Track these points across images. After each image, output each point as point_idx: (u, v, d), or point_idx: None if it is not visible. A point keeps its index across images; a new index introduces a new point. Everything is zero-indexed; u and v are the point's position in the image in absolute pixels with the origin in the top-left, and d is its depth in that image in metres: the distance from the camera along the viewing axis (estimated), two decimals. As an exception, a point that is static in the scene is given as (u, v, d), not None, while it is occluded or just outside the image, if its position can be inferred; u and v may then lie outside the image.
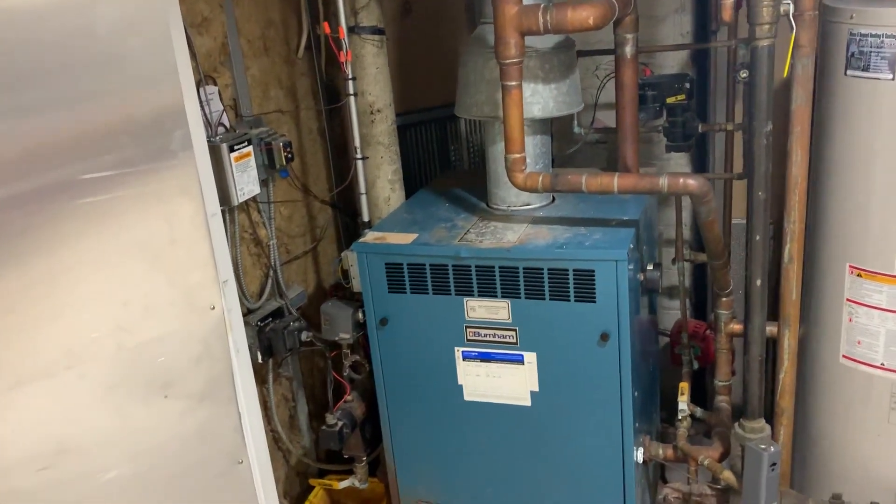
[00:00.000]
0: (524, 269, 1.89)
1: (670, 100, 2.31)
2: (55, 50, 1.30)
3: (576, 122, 2.58)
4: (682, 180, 1.75)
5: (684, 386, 2.35)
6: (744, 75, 2.17)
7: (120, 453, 1.53)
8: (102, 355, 1.47)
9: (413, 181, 2.76)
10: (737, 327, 2.24)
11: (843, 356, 1.99)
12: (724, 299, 2.24)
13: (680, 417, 2.25)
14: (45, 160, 1.31)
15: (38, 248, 1.33)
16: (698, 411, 2.37)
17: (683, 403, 2.27)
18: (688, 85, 2.32)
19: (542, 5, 1.75)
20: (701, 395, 2.91)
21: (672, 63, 2.76)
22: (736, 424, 2.06)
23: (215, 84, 2.06)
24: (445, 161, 3.17)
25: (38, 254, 1.33)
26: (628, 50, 2.13)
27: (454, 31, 3.03)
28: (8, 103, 1.23)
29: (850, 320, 1.94)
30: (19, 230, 1.29)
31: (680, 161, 2.84)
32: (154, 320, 1.54)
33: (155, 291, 1.53)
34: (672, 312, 2.99)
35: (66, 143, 1.34)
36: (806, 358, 2.15)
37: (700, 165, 2.82)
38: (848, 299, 1.93)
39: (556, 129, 2.75)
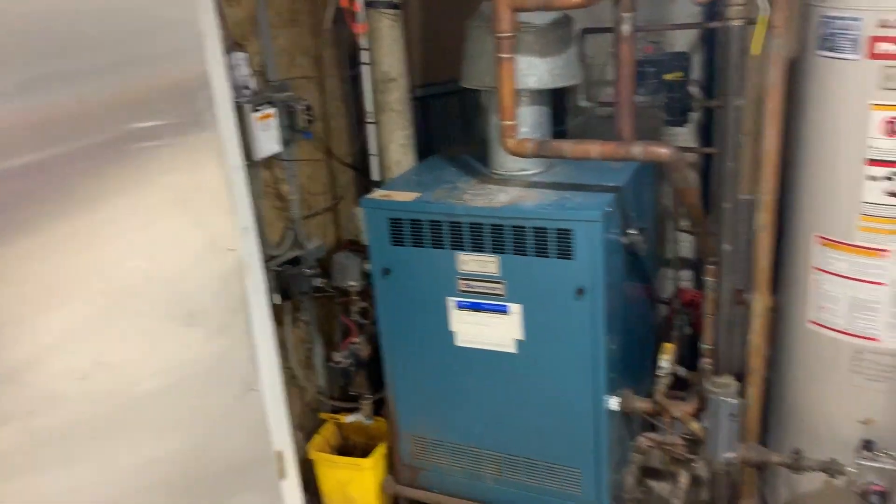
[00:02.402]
0: (511, 227, 2.08)
1: (668, 77, 2.45)
2: (90, 20, 1.51)
3: (583, 95, 2.74)
4: (653, 149, 1.90)
5: (668, 346, 2.50)
6: (735, 54, 2.28)
7: (150, 370, 1.75)
8: (133, 283, 1.69)
9: (436, 150, 2.95)
10: (722, 294, 2.37)
11: (809, 321, 2.12)
12: (709, 267, 2.37)
13: (660, 374, 2.41)
14: (90, 121, 1.54)
15: (82, 190, 1.56)
16: (681, 370, 2.52)
17: (664, 361, 2.42)
18: (685, 63, 2.45)
19: (533, -15, 1.91)
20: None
21: (682, 42, 2.86)
22: (706, 381, 2.21)
23: (244, 51, 2.29)
24: (467, 131, 3.34)
25: (80, 194, 1.57)
26: (625, 28, 2.27)
27: (476, 7, 3.18)
28: (54, 70, 1.45)
29: (816, 287, 2.07)
30: (66, 178, 1.52)
31: (686, 136, 2.95)
32: (179, 257, 1.77)
33: (181, 231, 1.75)
34: (685, 284, 3.11)
35: (108, 106, 1.56)
36: (781, 323, 2.28)
37: (705, 141, 2.93)
38: (814, 267, 2.06)
39: (571, 104, 2.91)
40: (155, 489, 1.78)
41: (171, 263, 1.76)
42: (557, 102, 2.90)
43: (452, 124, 3.31)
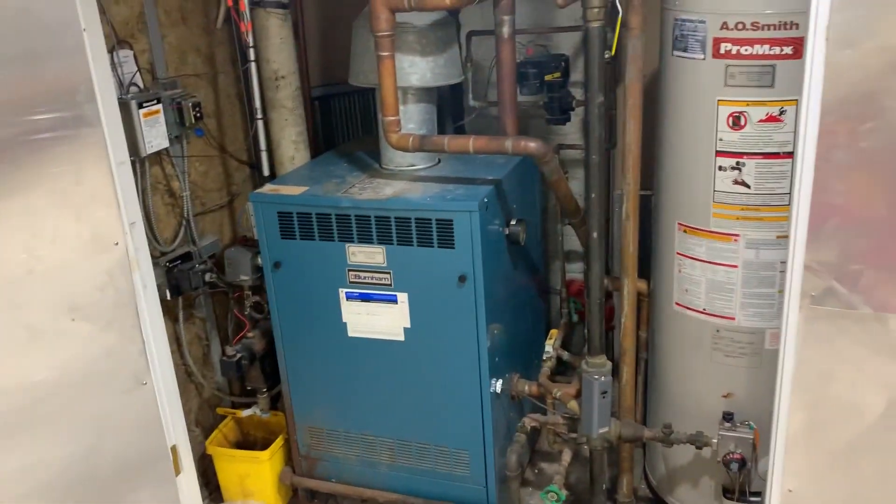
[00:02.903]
0: (395, 218, 2.16)
1: (548, 77, 2.57)
2: None
3: (470, 95, 2.85)
4: (523, 143, 2.02)
5: (553, 332, 2.64)
6: (607, 55, 2.43)
7: (34, 364, 1.74)
8: (14, 277, 1.69)
9: (336, 146, 3.01)
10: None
11: (676, 303, 2.27)
12: (589, 256, 2.51)
13: (544, 358, 2.54)
14: None
15: None
16: (565, 355, 2.66)
17: (549, 346, 2.56)
18: (563, 64, 2.59)
19: (407, -14, 2.00)
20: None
21: (568, 45, 3.01)
22: (583, 362, 2.35)
23: (131, 48, 2.30)
24: (368, 128, 3.42)
25: None
26: (505, 30, 2.38)
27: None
28: None
29: (680, 271, 2.22)
30: None
31: (574, 135, 3.10)
32: (61, 250, 1.77)
33: (62, 225, 1.75)
34: (577, 276, 3.24)
35: None
36: (652, 306, 2.44)
37: (591, 139, 3.07)
38: (678, 252, 2.22)
39: (468, 102, 3.02)
40: (42, 492, 1.78)
41: (52, 257, 1.76)
42: (455, 101, 3.02)
43: (353, 123, 3.38)
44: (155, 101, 2.26)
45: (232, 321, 2.53)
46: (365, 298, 2.28)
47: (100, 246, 1.86)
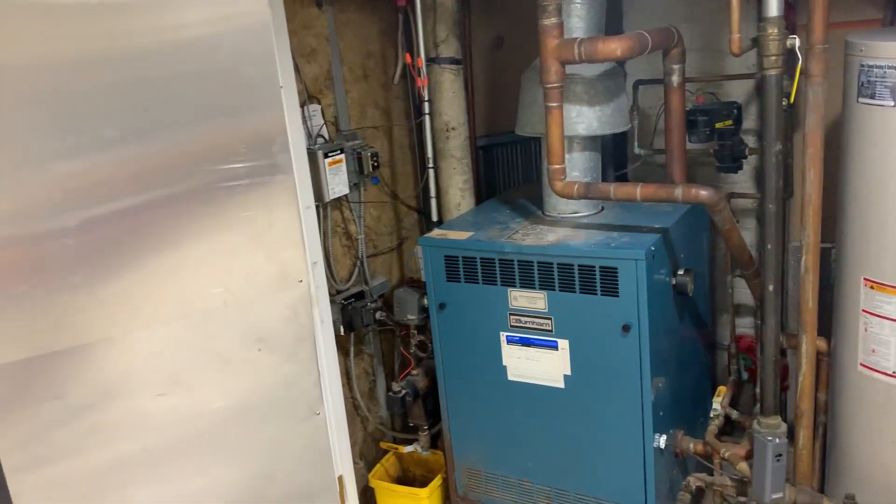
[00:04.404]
0: (558, 264, 2.18)
1: (719, 125, 2.52)
2: (185, 78, 1.73)
3: (636, 142, 2.84)
4: (694, 191, 1.99)
5: (721, 389, 2.52)
6: (784, 103, 2.35)
7: (222, 389, 1.92)
8: (210, 309, 1.89)
9: (498, 193, 3.10)
10: (776, 338, 2.38)
11: (861, 364, 2.11)
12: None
13: (712, 415, 2.43)
14: (180, 169, 1.73)
15: (173, 228, 1.77)
16: (734, 413, 2.53)
17: (717, 404, 2.45)
18: (735, 111, 2.52)
19: (578, 38, 2.06)
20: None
21: (739, 93, 2.93)
22: (755, 422, 2.22)
23: (319, 103, 2.52)
24: (529, 176, 3.49)
25: (171, 232, 1.77)
26: (675, 79, 2.37)
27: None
28: (152, 121, 1.67)
29: (866, 330, 2.07)
30: (161, 216, 1.73)
31: (745, 184, 2.99)
32: (253, 286, 1.95)
33: (254, 263, 1.93)
34: (747, 331, 3.09)
35: (197, 154, 1.76)
36: (833, 367, 2.28)
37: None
38: (863, 310, 2.06)
39: (630, 151, 3.02)
40: (223, 510, 1.93)
41: (245, 292, 1.94)
42: (617, 149, 3.02)
43: (515, 171, 3.46)
44: (339, 152, 2.45)
45: (398, 358, 2.65)
46: (525, 343, 2.31)
47: (286, 283, 2.02)
